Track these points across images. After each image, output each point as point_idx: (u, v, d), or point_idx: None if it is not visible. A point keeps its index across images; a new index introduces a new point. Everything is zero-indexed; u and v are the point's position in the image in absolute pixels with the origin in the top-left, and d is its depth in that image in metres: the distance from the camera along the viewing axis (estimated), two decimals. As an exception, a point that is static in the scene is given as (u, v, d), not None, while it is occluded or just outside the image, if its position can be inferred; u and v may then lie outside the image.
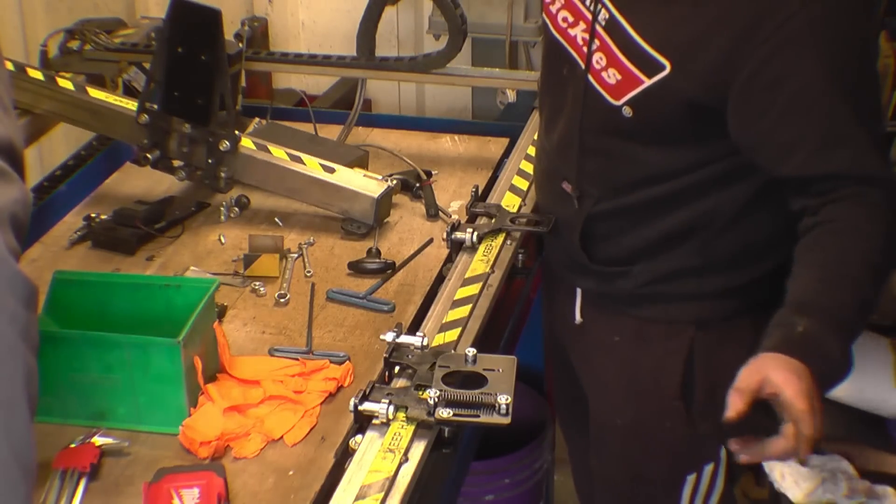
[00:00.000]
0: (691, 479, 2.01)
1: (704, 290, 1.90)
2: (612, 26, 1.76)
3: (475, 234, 1.97)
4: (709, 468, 2.00)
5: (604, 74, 1.77)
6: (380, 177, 2.34)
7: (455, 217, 2.23)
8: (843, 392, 1.78)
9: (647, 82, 1.71)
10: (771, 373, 1.49)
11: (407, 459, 1.51)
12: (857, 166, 1.61)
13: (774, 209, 1.75)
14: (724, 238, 1.85)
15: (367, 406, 1.57)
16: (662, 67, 1.68)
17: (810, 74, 1.59)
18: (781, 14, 1.57)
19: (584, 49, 1.81)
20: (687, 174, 1.79)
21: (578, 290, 2.05)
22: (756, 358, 1.52)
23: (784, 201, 1.69)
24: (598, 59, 1.78)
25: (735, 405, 1.49)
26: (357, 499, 1.44)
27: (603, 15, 1.77)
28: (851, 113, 1.60)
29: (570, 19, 1.84)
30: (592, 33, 1.78)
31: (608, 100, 1.78)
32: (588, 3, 1.79)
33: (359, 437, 1.56)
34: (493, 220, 2.04)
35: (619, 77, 1.74)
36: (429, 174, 2.49)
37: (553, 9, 1.88)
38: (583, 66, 1.81)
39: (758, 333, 1.82)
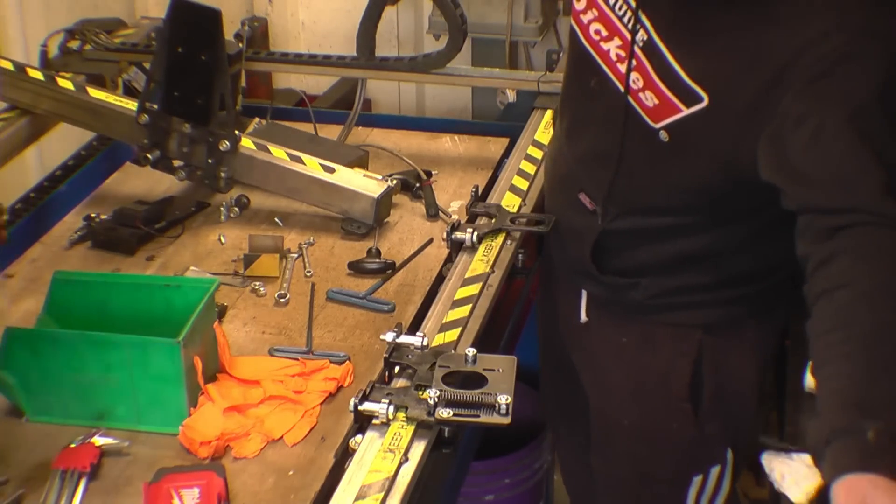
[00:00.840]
0: (697, 479, 2.00)
1: (713, 301, 1.90)
2: (650, 49, 1.70)
3: (475, 234, 1.97)
4: (715, 470, 2.00)
5: (641, 95, 1.73)
6: (380, 177, 2.34)
7: (455, 217, 2.23)
8: (843, 392, 1.78)
9: (685, 111, 1.67)
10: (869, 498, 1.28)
11: (407, 459, 1.51)
12: (875, 202, 1.47)
13: (791, 230, 1.61)
14: (738, 259, 1.85)
15: (367, 406, 1.57)
16: (700, 99, 1.64)
17: (836, 115, 1.51)
18: (813, 55, 1.52)
19: (619, 66, 1.76)
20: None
21: (584, 292, 2.04)
22: (842, 480, 1.30)
23: None
24: (635, 80, 1.73)
25: None
26: (357, 499, 1.44)
27: (641, 35, 1.71)
28: (874, 154, 1.49)
29: (604, 33, 1.78)
30: (631, 53, 1.73)
31: (647, 121, 1.73)
32: (626, 20, 1.74)
33: (359, 437, 1.56)
34: (493, 220, 2.04)
35: (656, 101, 1.70)
36: (429, 174, 2.49)
37: (584, 18, 1.82)
38: (621, 88, 1.76)
39: (764, 336, 1.83)
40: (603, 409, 2.09)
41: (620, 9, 1.74)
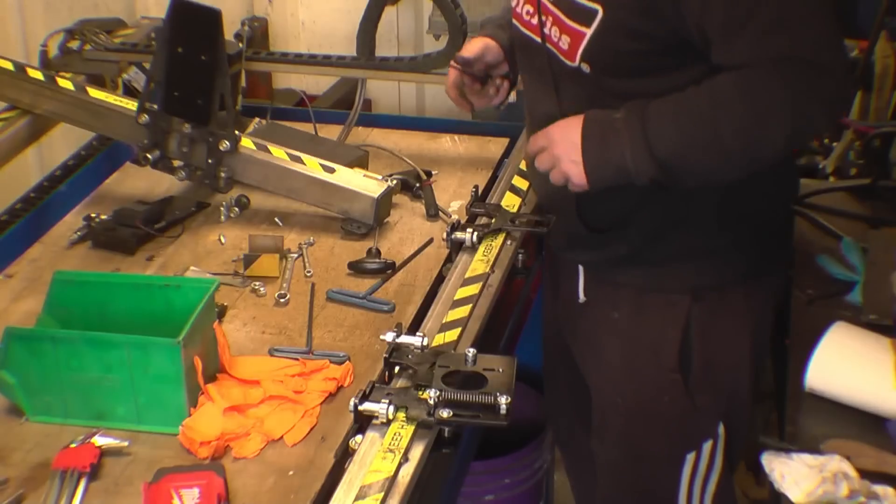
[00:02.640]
0: (691, 457, 2.02)
1: (696, 249, 1.92)
2: None
3: (475, 234, 1.97)
4: (707, 445, 2.01)
5: (560, 43, 1.84)
6: (380, 177, 2.34)
7: (455, 217, 2.23)
8: (843, 392, 1.78)
9: (589, 31, 1.78)
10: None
11: (407, 459, 1.51)
12: (787, 47, 1.67)
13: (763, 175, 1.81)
14: (706, 189, 1.85)
15: (367, 406, 1.57)
16: (595, 12, 1.76)
17: None
18: None
19: (533, 21, 1.89)
20: None
21: (581, 269, 2.06)
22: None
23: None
24: (554, 33, 1.85)
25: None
26: (357, 499, 1.44)
27: None
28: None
29: (531, 9, 1.90)
30: (539, 8, 1.86)
31: (567, 63, 1.83)
32: None
33: (359, 437, 1.56)
34: (494, 221, 2.04)
35: (569, 40, 1.82)
36: (429, 174, 2.49)
37: (519, 9, 1.95)
38: (539, 40, 1.89)
39: (751, 304, 1.94)
40: (600, 389, 2.10)
41: None
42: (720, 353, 1.98)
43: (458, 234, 1.98)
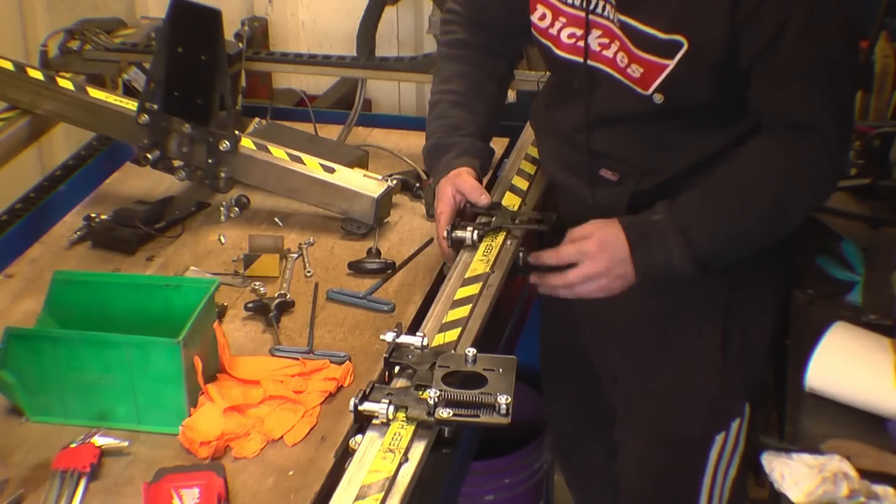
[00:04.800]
0: (720, 438, 2.02)
1: None
2: (624, 27, 1.81)
3: (475, 232, 1.96)
4: (735, 424, 2.02)
5: (629, 70, 1.82)
6: (380, 177, 2.34)
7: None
8: (843, 392, 1.78)
9: (671, 64, 1.77)
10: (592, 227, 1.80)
11: (407, 459, 1.51)
12: (806, 112, 1.76)
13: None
14: None
15: (367, 406, 1.57)
16: (681, 45, 1.76)
17: (798, 32, 1.72)
18: None
19: (604, 53, 1.86)
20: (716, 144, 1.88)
21: None
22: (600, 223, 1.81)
23: None
24: (621, 59, 1.83)
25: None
26: (357, 499, 1.44)
27: (612, 15, 1.81)
28: (828, 72, 1.75)
29: (579, 32, 1.88)
30: (587, 25, 1.84)
31: (638, 91, 1.82)
32: (598, 9, 1.84)
33: (359, 437, 1.56)
34: (494, 219, 2.04)
35: (641, 70, 1.80)
36: (429, 174, 2.49)
37: (553, 30, 1.91)
38: (579, 60, 1.87)
39: (773, 283, 2.01)
40: (627, 379, 2.09)
41: (591, 3, 1.84)
42: (752, 330, 2.00)
43: (459, 233, 1.97)
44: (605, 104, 1.90)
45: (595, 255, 1.82)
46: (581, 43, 1.88)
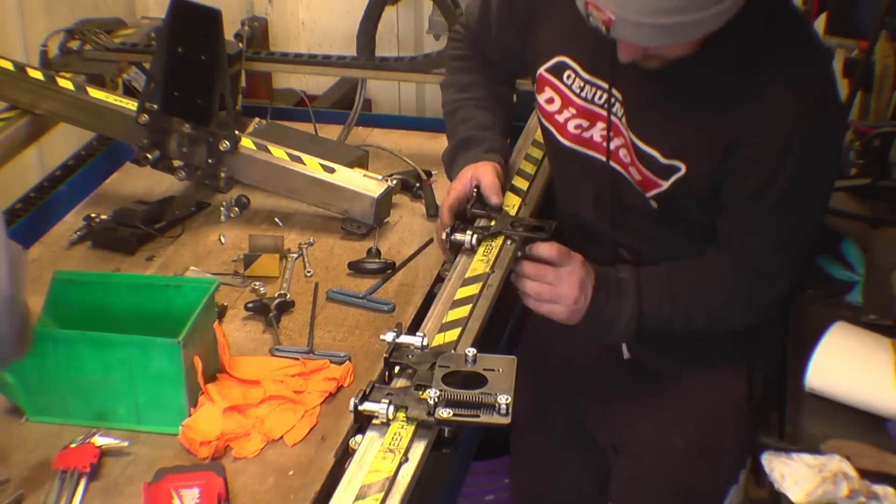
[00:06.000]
0: (733, 490, 2.02)
1: None
2: (627, 130, 1.87)
3: (474, 236, 1.95)
4: (742, 474, 2.02)
5: (630, 169, 1.88)
6: (380, 177, 2.34)
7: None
8: (843, 392, 1.78)
9: (665, 185, 1.84)
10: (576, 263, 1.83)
11: (407, 459, 1.51)
12: (766, 261, 1.83)
13: None
14: None
15: (367, 406, 1.56)
16: (679, 169, 1.83)
17: (778, 188, 1.77)
18: (750, 142, 1.76)
19: (605, 144, 1.91)
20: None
21: None
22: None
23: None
24: (624, 155, 1.89)
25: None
26: (357, 499, 1.44)
27: (621, 113, 1.87)
28: (797, 231, 1.83)
29: (586, 124, 1.93)
30: (609, 128, 1.89)
31: (639, 190, 1.88)
32: (603, 103, 1.89)
33: (359, 437, 1.56)
34: (493, 223, 2.04)
35: (639, 178, 1.87)
36: (429, 174, 2.49)
37: (560, 118, 1.96)
38: (619, 169, 1.91)
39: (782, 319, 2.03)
40: (652, 436, 2.04)
41: (599, 98, 1.90)
42: (767, 370, 2.03)
43: (458, 236, 1.97)
44: (614, 195, 1.93)
45: (568, 288, 1.83)
46: (586, 134, 1.93)
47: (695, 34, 1.68)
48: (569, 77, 1.94)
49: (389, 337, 1.68)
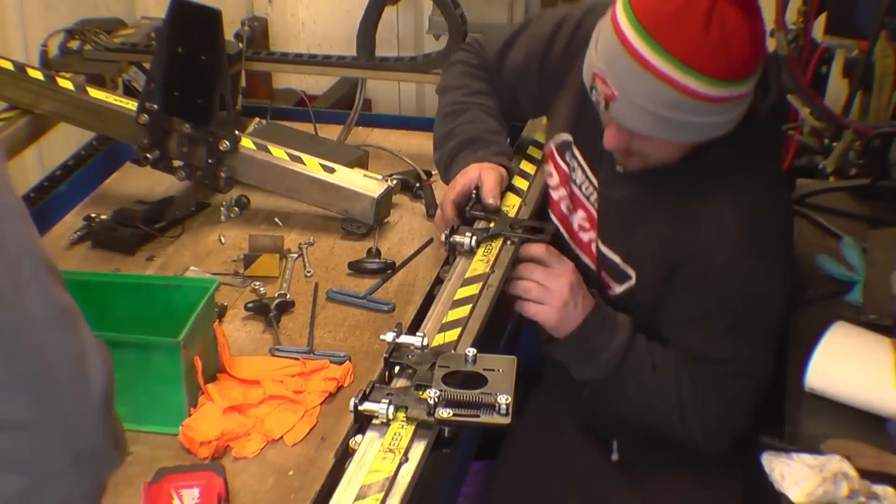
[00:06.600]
0: None
1: None
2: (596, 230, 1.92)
3: (473, 238, 1.95)
4: None
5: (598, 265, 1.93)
6: (380, 177, 2.34)
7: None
8: (843, 392, 1.78)
9: (618, 290, 1.89)
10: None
11: (407, 459, 1.51)
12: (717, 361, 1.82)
13: None
14: None
15: (367, 406, 1.56)
16: (630, 277, 1.87)
17: (722, 308, 1.79)
18: (696, 263, 1.77)
19: (581, 235, 1.96)
20: None
21: (614, 441, 2.03)
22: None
23: None
24: (595, 249, 1.93)
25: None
26: (357, 499, 1.44)
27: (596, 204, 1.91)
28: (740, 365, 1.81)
29: (571, 208, 1.98)
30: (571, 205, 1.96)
31: (603, 287, 1.92)
32: (592, 200, 1.92)
33: (359, 437, 1.56)
34: (493, 225, 2.03)
35: (603, 273, 1.91)
36: (429, 174, 2.49)
37: (556, 195, 2.02)
38: (592, 266, 1.94)
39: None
40: None
41: (587, 188, 1.93)
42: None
43: (457, 238, 1.97)
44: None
45: (556, 287, 1.83)
46: (570, 219, 1.98)
47: (686, 136, 1.69)
48: (570, 158, 1.96)
49: (389, 337, 1.68)
